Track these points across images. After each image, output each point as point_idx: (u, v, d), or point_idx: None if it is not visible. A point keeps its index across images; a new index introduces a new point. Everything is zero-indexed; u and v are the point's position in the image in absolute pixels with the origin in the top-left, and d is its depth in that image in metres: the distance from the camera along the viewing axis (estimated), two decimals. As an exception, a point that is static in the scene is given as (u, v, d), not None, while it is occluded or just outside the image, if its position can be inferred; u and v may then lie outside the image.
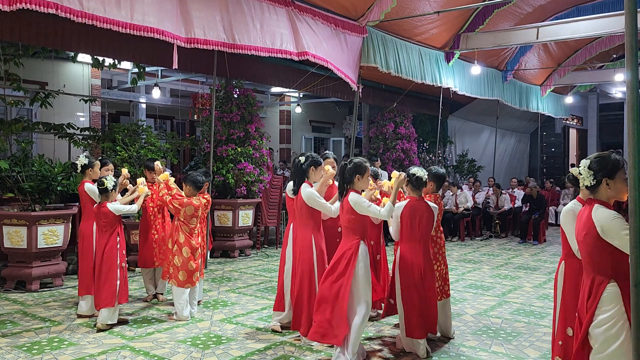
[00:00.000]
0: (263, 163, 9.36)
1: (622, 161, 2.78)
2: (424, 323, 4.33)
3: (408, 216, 4.42)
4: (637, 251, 2.46)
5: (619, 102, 19.29)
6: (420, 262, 4.38)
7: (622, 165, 2.77)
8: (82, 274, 5.39)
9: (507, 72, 12.10)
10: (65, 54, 9.32)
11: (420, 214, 4.42)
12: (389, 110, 12.62)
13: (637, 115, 2.41)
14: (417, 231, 4.42)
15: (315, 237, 4.63)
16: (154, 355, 4.32)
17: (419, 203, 4.46)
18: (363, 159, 4.20)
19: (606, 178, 2.75)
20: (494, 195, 12.25)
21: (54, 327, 5.05)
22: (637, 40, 2.50)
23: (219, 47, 6.04)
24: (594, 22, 9.22)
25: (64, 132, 7.86)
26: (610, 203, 2.78)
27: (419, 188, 4.49)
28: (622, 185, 2.75)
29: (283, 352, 4.42)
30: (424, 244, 4.45)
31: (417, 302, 4.32)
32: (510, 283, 7.28)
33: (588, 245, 2.76)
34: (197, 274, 5.37)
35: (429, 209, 4.48)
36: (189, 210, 5.28)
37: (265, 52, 6.47)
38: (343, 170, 4.18)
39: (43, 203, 6.69)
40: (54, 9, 4.72)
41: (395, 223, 4.48)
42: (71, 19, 4.88)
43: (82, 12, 4.87)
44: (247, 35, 6.24)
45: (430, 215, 4.47)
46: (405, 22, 8.64)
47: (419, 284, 4.34)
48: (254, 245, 9.53)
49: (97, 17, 4.98)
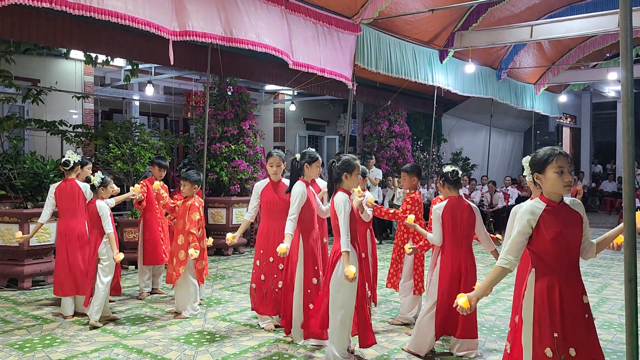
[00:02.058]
0: (257, 161, 9.34)
1: (552, 154, 2.71)
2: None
3: (450, 217, 4.25)
4: (630, 247, 2.47)
5: (612, 101, 19.40)
6: (463, 266, 4.24)
7: (552, 159, 2.69)
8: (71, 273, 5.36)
9: (501, 70, 12.12)
10: (58, 51, 9.26)
11: (461, 213, 4.27)
12: (383, 109, 12.62)
13: (632, 110, 2.42)
14: (459, 233, 4.26)
15: (303, 236, 4.56)
16: (147, 353, 4.29)
17: (459, 201, 4.33)
18: (352, 156, 4.04)
19: (536, 172, 2.75)
20: (488, 193, 12.27)
21: (46, 324, 5.02)
22: (632, 38, 2.51)
23: (217, 40, 5.97)
24: (588, 21, 9.25)
25: (56, 129, 7.81)
26: (549, 198, 2.72)
27: (457, 186, 4.39)
28: (554, 176, 2.68)
29: (277, 350, 4.41)
30: (466, 247, 4.31)
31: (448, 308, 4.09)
32: (503, 280, 7.21)
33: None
34: (204, 273, 5.44)
35: (470, 207, 4.32)
36: (195, 216, 5.26)
37: (262, 47, 6.42)
38: (331, 168, 4.05)
39: (35, 200, 6.64)
40: (47, 3, 4.65)
41: (438, 226, 4.27)
42: (64, 14, 4.83)
43: (78, 4, 4.78)
44: (244, 30, 6.18)
45: (471, 215, 4.31)
46: (400, 20, 8.64)
47: (457, 291, 4.00)
48: (247, 243, 9.51)
49: (93, 9, 4.87)
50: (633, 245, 2.49)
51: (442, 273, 4.26)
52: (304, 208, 4.52)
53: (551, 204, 2.69)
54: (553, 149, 2.74)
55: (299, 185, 4.54)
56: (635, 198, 2.96)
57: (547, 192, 2.73)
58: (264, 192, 4.95)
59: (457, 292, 3.88)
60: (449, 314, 4.15)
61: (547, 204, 2.69)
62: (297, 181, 4.60)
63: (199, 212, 5.30)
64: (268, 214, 4.94)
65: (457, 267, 4.25)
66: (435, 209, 4.29)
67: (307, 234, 4.59)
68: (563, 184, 2.65)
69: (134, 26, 5.25)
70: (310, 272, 4.51)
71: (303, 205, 4.49)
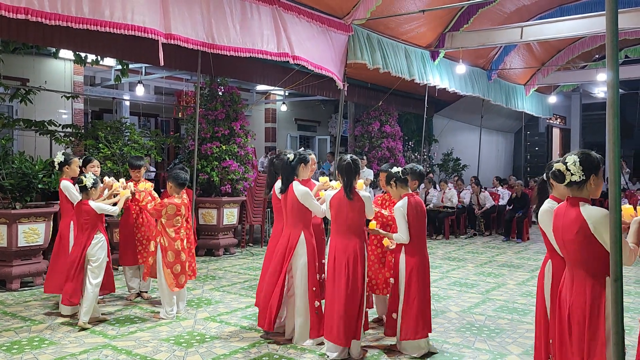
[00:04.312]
0: (248, 161, 9.32)
1: (602, 159, 2.82)
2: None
3: (414, 214, 4.30)
4: (616, 246, 2.48)
5: (602, 102, 19.51)
6: (427, 259, 4.38)
7: (602, 163, 2.81)
8: (54, 273, 5.37)
9: (491, 71, 12.18)
10: (47, 50, 9.19)
11: (421, 208, 4.37)
12: (374, 109, 12.64)
13: (617, 111, 2.44)
14: (423, 228, 4.37)
15: (306, 235, 4.57)
16: (136, 354, 4.27)
17: (414, 197, 4.40)
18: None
19: (593, 174, 2.77)
20: (473, 194, 12.32)
21: (35, 326, 4.98)
22: (618, 39, 2.53)
23: (199, 46, 6.00)
24: (577, 23, 9.33)
25: (45, 129, 7.75)
26: (590, 201, 2.81)
27: (407, 184, 4.47)
28: (601, 182, 2.81)
29: (267, 350, 4.40)
30: (424, 242, 4.42)
31: (425, 301, 4.30)
32: (494, 280, 7.33)
33: (580, 243, 2.75)
34: (183, 278, 5.29)
35: (423, 202, 4.52)
36: (171, 209, 5.22)
37: (244, 52, 6.45)
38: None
39: (24, 201, 6.59)
40: (23, 15, 4.57)
41: (404, 224, 4.27)
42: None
43: (55, 14, 4.73)
44: (226, 35, 6.19)
45: (424, 208, 4.46)
46: (391, 21, 8.66)
47: (428, 286, 4.37)
48: (238, 243, 9.48)
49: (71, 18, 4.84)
50: (619, 246, 2.51)
51: (409, 269, 4.27)
52: (307, 208, 4.57)
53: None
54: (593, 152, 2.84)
55: (301, 184, 4.59)
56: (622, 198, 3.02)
57: (590, 195, 2.82)
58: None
59: (428, 287, 4.29)
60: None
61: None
62: (294, 181, 4.61)
63: (175, 204, 5.23)
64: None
65: (423, 261, 4.33)
66: (398, 207, 4.30)
67: (309, 234, 4.60)
68: (601, 188, 2.81)
69: (119, 32, 5.23)
70: (314, 270, 4.52)
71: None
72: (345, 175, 4.24)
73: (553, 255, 3.35)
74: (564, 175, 2.82)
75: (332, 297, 4.19)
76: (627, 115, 19.32)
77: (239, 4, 6.37)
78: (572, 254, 2.85)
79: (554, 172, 2.88)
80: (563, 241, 2.88)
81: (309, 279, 4.50)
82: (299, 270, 4.52)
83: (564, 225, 2.84)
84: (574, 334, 2.81)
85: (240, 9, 6.38)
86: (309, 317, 4.49)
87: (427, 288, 4.34)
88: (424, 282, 4.29)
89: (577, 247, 2.78)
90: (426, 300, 4.32)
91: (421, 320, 4.25)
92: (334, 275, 4.22)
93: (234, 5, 6.31)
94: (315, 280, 4.51)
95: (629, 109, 17.07)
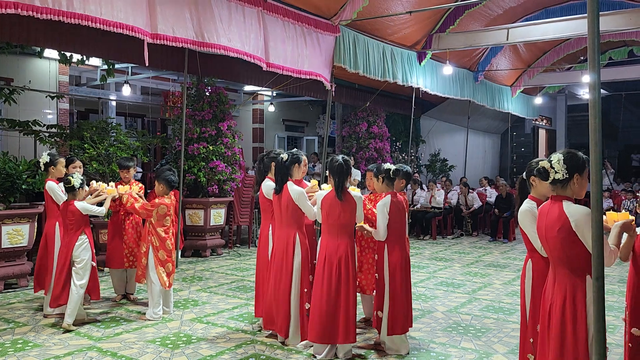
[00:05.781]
0: (235, 162, 9.30)
1: (587, 159, 2.84)
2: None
3: (395, 212, 4.36)
4: (598, 245, 2.51)
5: (587, 103, 19.33)
6: (407, 257, 4.46)
7: (587, 164, 2.83)
8: (41, 272, 5.35)
9: (478, 72, 12.28)
10: (31, 49, 9.08)
11: (402, 206, 4.44)
12: (362, 110, 12.67)
13: (599, 112, 2.47)
14: (403, 226, 4.43)
15: (300, 236, 4.55)
16: (121, 356, 4.24)
17: (399, 198, 4.46)
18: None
19: (577, 173, 2.80)
20: (462, 195, 12.40)
21: (18, 328, 4.92)
22: (599, 41, 2.56)
23: (188, 44, 5.98)
24: (562, 25, 9.44)
25: (30, 129, 7.66)
26: (573, 200, 2.84)
27: (394, 183, 4.50)
28: (586, 183, 2.82)
29: (254, 351, 4.40)
30: (405, 239, 4.49)
31: (406, 298, 4.39)
32: (480, 280, 7.38)
33: (562, 241, 2.77)
34: (172, 277, 5.31)
35: (406, 202, 4.57)
36: (162, 210, 5.21)
37: (233, 52, 6.44)
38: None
39: (7, 202, 6.51)
40: (12, 9, 4.53)
41: (384, 221, 4.30)
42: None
43: (46, 9, 4.72)
44: (216, 34, 6.19)
45: (405, 208, 4.53)
46: (378, 22, 8.69)
47: (409, 282, 4.48)
48: (225, 244, 9.45)
49: (63, 12, 4.84)
50: (600, 244, 2.54)
51: (392, 266, 4.32)
52: (300, 209, 4.55)
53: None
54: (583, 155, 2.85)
55: (295, 185, 4.57)
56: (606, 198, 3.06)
57: (574, 194, 2.83)
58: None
59: (410, 282, 4.40)
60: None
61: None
62: (288, 182, 4.58)
63: (165, 204, 5.23)
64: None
65: (406, 259, 4.42)
66: (381, 204, 4.34)
67: (303, 234, 4.58)
68: (586, 188, 2.81)
69: (107, 29, 5.22)
70: (307, 271, 4.52)
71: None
72: (336, 176, 4.25)
73: (533, 255, 3.38)
74: (548, 173, 2.86)
75: (319, 297, 4.19)
76: (611, 116, 19.53)
77: (225, 5, 6.36)
78: (554, 252, 2.87)
79: (539, 169, 2.93)
80: (546, 239, 2.91)
81: (302, 280, 4.49)
82: (294, 271, 4.51)
83: (547, 223, 2.87)
84: (552, 332, 2.84)
85: (227, 9, 6.38)
86: (299, 318, 4.48)
87: (409, 284, 4.47)
88: (406, 278, 4.40)
89: (559, 245, 2.81)
90: (409, 295, 4.47)
91: (409, 314, 4.42)
92: (322, 275, 4.22)
93: (221, 6, 6.31)
94: (307, 282, 4.50)
95: (614, 111, 17.27)
